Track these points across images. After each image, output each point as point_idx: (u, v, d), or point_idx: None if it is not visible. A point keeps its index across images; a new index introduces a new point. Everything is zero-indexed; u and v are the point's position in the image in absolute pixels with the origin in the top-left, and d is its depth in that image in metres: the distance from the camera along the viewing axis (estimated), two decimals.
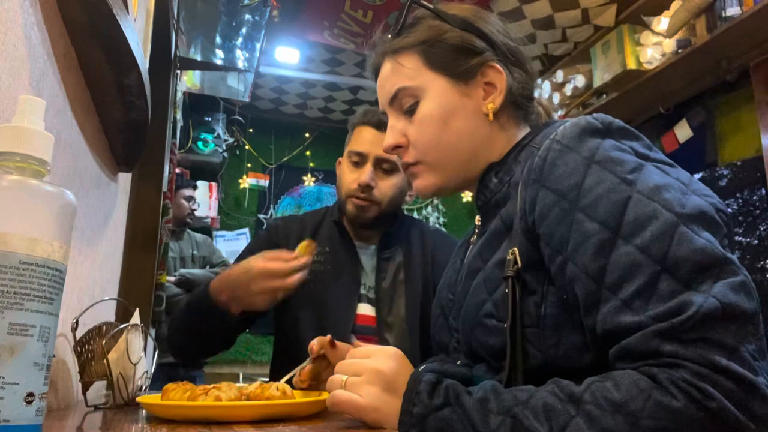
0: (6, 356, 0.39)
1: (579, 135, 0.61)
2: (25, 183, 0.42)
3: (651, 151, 0.62)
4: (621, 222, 0.54)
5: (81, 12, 0.72)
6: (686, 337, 0.49)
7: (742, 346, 0.48)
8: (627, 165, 0.58)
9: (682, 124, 2.45)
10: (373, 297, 1.24)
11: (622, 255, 0.53)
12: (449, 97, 0.74)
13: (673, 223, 0.53)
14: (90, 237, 1.02)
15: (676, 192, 0.55)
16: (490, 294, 0.66)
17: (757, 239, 2.18)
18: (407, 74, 0.76)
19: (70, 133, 0.82)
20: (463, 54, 0.75)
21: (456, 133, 0.74)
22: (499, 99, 0.74)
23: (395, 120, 0.78)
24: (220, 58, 2.73)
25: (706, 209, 0.55)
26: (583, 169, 0.59)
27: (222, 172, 4.03)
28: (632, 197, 0.55)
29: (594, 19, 2.69)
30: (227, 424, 0.57)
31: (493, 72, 0.75)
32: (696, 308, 0.49)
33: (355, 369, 0.62)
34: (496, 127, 0.76)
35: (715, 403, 0.46)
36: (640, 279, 0.52)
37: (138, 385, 0.82)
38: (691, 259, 0.51)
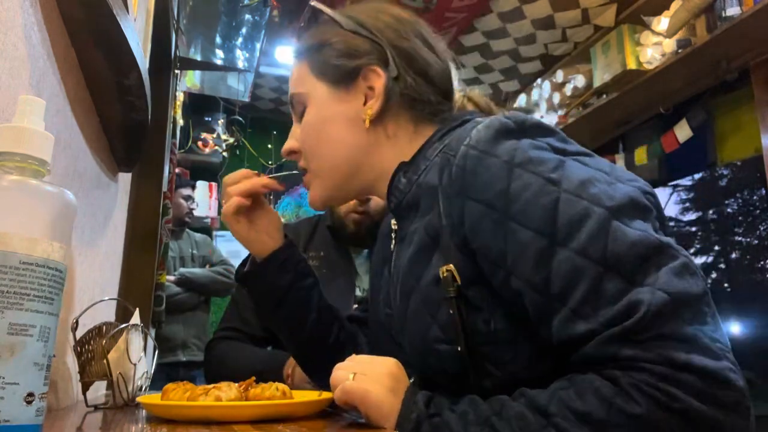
0: (6, 356, 0.39)
1: (494, 138, 0.59)
2: (25, 183, 0.42)
3: (567, 144, 0.61)
4: (555, 227, 0.53)
5: (81, 12, 0.72)
6: (641, 337, 0.48)
7: (699, 332, 0.48)
8: (548, 164, 0.56)
9: (682, 124, 2.45)
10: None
11: (562, 262, 0.52)
12: (327, 104, 0.74)
13: (605, 219, 0.52)
14: (90, 237, 1.02)
15: (601, 184, 0.54)
16: (432, 317, 0.63)
17: (757, 239, 2.18)
18: (297, 81, 0.77)
19: (70, 133, 0.82)
20: (344, 58, 0.72)
21: (332, 143, 0.73)
22: (376, 104, 0.71)
23: (294, 125, 0.79)
24: (220, 58, 2.73)
25: (634, 195, 0.54)
26: (506, 174, 0.57)
27: (222, 172, 4.03)
28: (561, 198, 0.54)
29: (594, 19, 2.69)
30: (227, 424, 0.57)
31: (373, 76, 0.71)
32: (646, 307, 0.48)
33: (362, 368, 0.61)
34: (379, 133, 0.73)
35: (679, 403, 0.46)
36: (585, 284, 0.51)
37: (138, 385, 0.82)
38: (631, 254, 0.50)
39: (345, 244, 1.31)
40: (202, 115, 3.79)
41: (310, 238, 1.32)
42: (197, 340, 2.92)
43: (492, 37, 2.86)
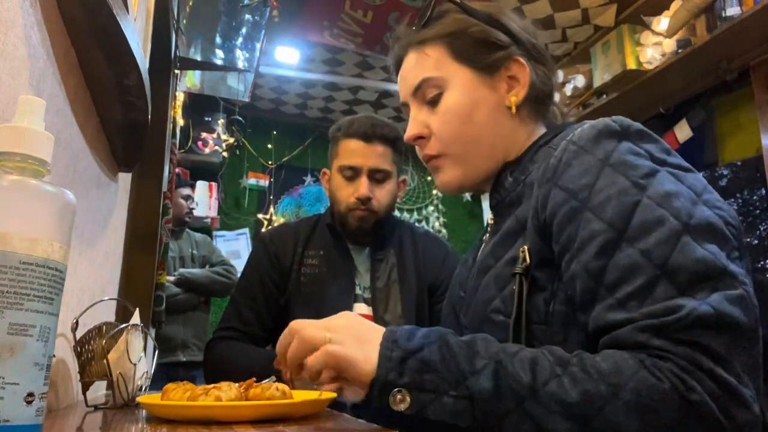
0: (6, 356, 0.39)
1: (595, 137, 0.62)
2: (25, 183, 0.42)
3: (669, 155, 0.61)
4: (627, 225, 0.55)
5: (81, 12, 0.72)
6: (676, 336, 0.49)
7: (732, 357, 0.49)
8: (640, 169, 0.58)
9: (682, 124, 2.45)
10: (369, 297, 1.26)
11: (624, 257, 0.54)
12: (473, 89, 0.75)
13: (678, 231, 0.53)
14: (90, 237, 1.02)
15: (685, 201, 0.55)
16: (499, 290, 0.66)
17: (757, 239, 2.18)
18: (432, 65, 0.76)
19: (70, 133, 0.82)
20: (487, 47, 0.75)
21: (479, 125, 0.74)
22: (522, 93, 0.75)
23: (417, 111, 0.78)
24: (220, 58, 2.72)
25: (714, 221, 0.55)
26: (597, 171, 0.59)
27: (222, 172, 4.03)
28: (642, 201, 0.55)
29: (594, 19, 2.69)
30: (227, 424, 0.57)
31: (517, 66, 0.75)
32: (688, 310, 0.49)
33: (328, 327, 0.59)
34: (517, 121, 0.76)
35: (697, 395, 0.47)
36: (638, 281, 0.52)
37: (138, 385, 0.82)
38: (691, 268, 0.51)
39: (345, 242, 1.31)
40: (202, 115, 3.79)
41: (310, 237, 1.32)
42: (197, 340, 2.91)
43: None
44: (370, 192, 1.23)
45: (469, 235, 4.43)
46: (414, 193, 4.49)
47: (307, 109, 4.16)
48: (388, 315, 1.24)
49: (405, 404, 0.52)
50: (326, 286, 1.25)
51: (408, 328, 0.59)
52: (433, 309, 1.29)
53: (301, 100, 3.99)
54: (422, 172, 4.48)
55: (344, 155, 1.27)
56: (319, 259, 1.29)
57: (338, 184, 1.28)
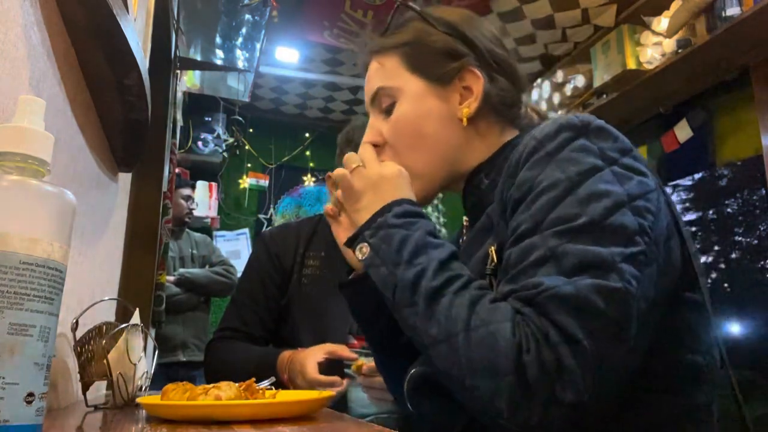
0: (6, 356, 0.39)
1: (555, 132, 0.62)
2: (25, 183, 0.42)
3: (623, 155, 0.61)
4: (545, 219, 0.57)
5: (81, 12, 0.72)
6: (539, 309, 0.53)
7: (587, 341, 0.50)
8: (581, 166, 0.59)
9: (682, 124, 2.45)
10: None
11: (527, 242, 0.58)
12: (424, 99, 0.74)
13: (582, 227, 0.55)
14: (90, 237, 1.02)
15: (609, 203, 0.56)
16: None
17: (757, 239, 2.18)
18: (387, 74, 0.77)
19: (70, 133, 0.82)
20: (443, 57, 0.74)
21: (428, 137, 0.74)
22: (474, 104, 0.74)
23: (374, 119, 0.79)
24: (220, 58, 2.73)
25: (628, 226, 0.56)
26: (543, 165, 0.61)
27: (222, 172, 4.03)
28: (566, 199, 0.57)
29: (594, 19, 2.69)
30: (227, 423, 0.57)
31: (471, 76, 0.74)
32: (546, 286, 0.53)
33: (367, 160, 0.70)
34: (471, 132, 0.75)
35: (528, 358, 0.51)
36: (530, 259, 0.56)
37: (138, 385, 0.82)
38: (578, 255, 0.54)
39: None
40: (202, 115, 3.79)
41: (311, 238, 1.32)
42: (197, 340, 2.92)
43: None
44: None
45: None
46: None
47: (307, 109, 4.16)
48: None
49: (363, 256, 0.64)
50: (327, 288, 1.25)
51: (410, 208, 0.66)
52: None
53: (301, 100, 3.99)
54: None
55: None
56: (320, 260, 1.28)
57: None
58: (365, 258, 0.63)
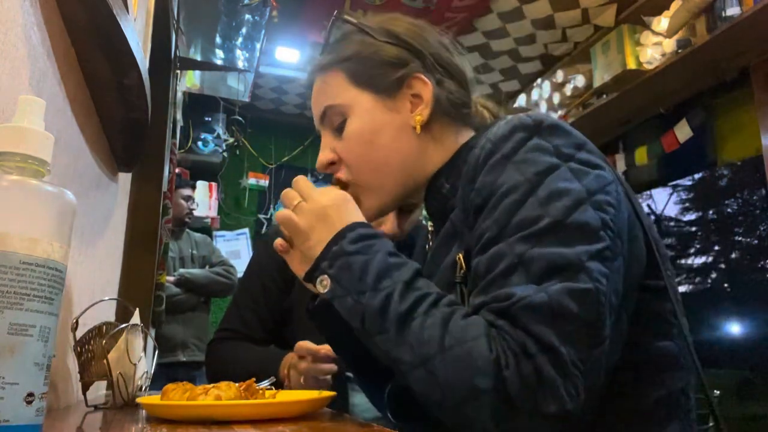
0: (6, 356, 0.39)
1: (509, 133, 0.62)
2: (25, 183, 0.42)
3: (579, 150, 0.61)
4: (508, 223, 0.57)
5: (81, 12, 0.72)
6: (513, 320, 0.52)
7: (563, 347, 0.50)
8: (538, 166, 0.59)
9: (682, 124, 2.45)
10: None
11: (494, 249, 0.57)
12: (374, 113, 0.73)
13: (546, 229, 0.55)
14: (90, 237, 1.02)
15: (569, 200, 0.56)
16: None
17: (757, 239, 2.18)
18: (333, 92, 0.75)
19: (70, 133, 0.82)
20: (387, 67, 0.73)
21: (384, 150, 0.73)
22: (426, 111, 0.73)
23: (326, 138, 0.77)
24: (220, 58, 2.73)
25: (590, 223, 0.56)
26: (501, 168, 0.61)
27: (222, 172, 4.03)
28: (527, 201, 0.57)
29: (594, 19, 2.69)
30: (227, 423, 0.57)
31: (418, 83, 0.73)
32: (518, 296, 0.52)
33: (305, 194, 0.68)
34: (427, 138, 0.74)
35: (509, 373, 0.50)
36: (498, 269, 0.56)
37: (138, 385, 0.82)
38: (546, 259, 0.54)
39: None
40: (202, 115, 3.78)
41: None
42: (197, 340, 2.91)
43: (492, 37, 2.86)
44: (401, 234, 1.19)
45: None
46: None
47: (307, 109, 4.15)
48: None
49: (325, 289, 0.61)
50: None
51: (363, 231, 0.64)
52: None
53: (301, 100, 3.99)
54: None
55: None
56: None
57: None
58: (327, 291, 0.61)
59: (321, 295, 0.62)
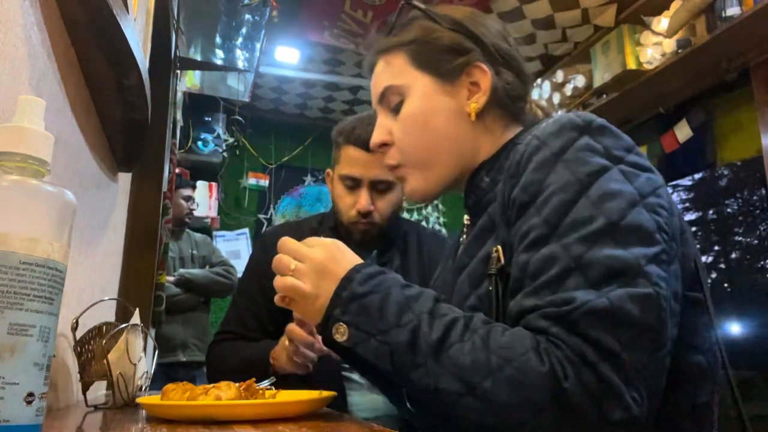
0: (6, 356, 0.39)
1: (557, 131, 0.62)
2: (25, 183, 0.42)
3: (628, 153, 0.61)
4: (560, 222, 0.56)
5: (81, 12, 0.72)
6: (571, 326, 0.51)
7: (625, 353, 0.49)
8: (589, 167, 0.58)
9: (682, 124, 2.45)
10: None
11: (547, 249, 0.56)
12: (432, 96, 0.74)
13: (602, 231, 0.54)
14: (90, 237, 1.02)
15: (622, 202, 0.56)
16: (474, 288, 0.66)
17: (757, 239, 2.18)
18: (394, 72, 0.77)
19: (70, 133, 0.82)
20: (449, 54, 0.74)
21: (437, 133, 0.74)
22: (483, 99, 0.74)
23: (383, 118, 0.79)
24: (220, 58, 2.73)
25: (645, 225, 0.55)
26: (550, 166, 0.60)
27: (222, 172, 4.03)
28: (579, 201, 0.57)
29: (594, 19, 2.69)
30: (227, 423, 0.57)
31: (478, 72, 0.74)
32: (581, 302, 0.51)
33: (298, 255, 0.66)
34: (480, 127, 0.75)
35: (569, 384, 0.49)
36: (553, 271, 0.54)
37: (138, 385, 0.82)
38: (604, 263, 0.53)
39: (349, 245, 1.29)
40: (202, 115, 3.78)
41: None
42: (197, 340, 2.91)
43: None
44: (370, 205, 1.20)
45: None
46: None
47: (307, 109, 4.16)
48: None
49: (343, 337, 0.59)
50: None
51: (369, 270, 0.62)
52: None
53: (301, 100, 3.99)
54: None
55: (345, 163, 1.23)
56: None
57: (339, 193, 1.25)
58: (347, 339, 0.59)
59: (342, 343, 0.59)
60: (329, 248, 0.66)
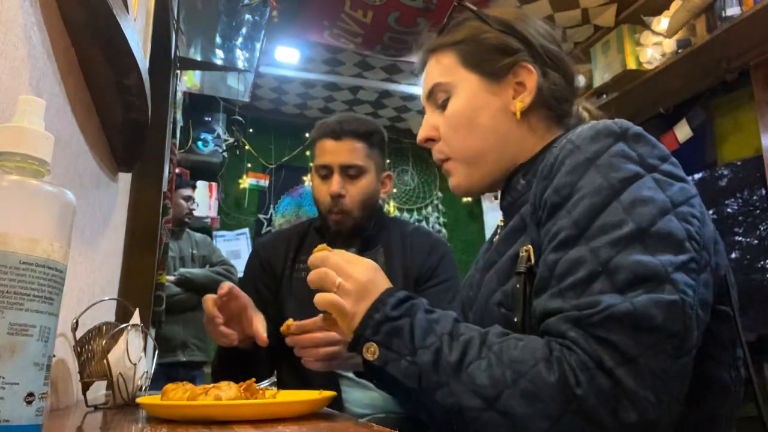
0: (6, 356, 0.39)
1: (593, 136, 0.63)
2: (25, 183, 0.42)
3: (663, 162, 0.61)
4: (590, 225, 0.57)
5: (81, 12, 0.72)
6: (590, 330, 0.52)
7: (644, 359, 0.50)
8: (622, 173, 0.59)
9: (682, 124, 2.45)
10: None
11: (575, 252, 0.57)
12: (478, 94, 0.76)
13: (631, 236, 0.55)
14: (90, 237, 1.02)
15: (654, 209, 0.56)
16: (501, 284, 0.68)
17: (757, 239, 2.18)
18: (443, 71, 0.79)
19: (70, 133, 0.82)
20: (497, 53, 0.76)
21: (482, 131, 0.76)
22: (528, 98, 0.75)
23: (430, 114, 0.81)
24: (220, 58, 2.72)
25: (675, 233, 0.55)
26: (582, 170, 0.60)
27: (222, 172, 4.03)
28: (610, 205, 0.57)
29: (594, 19, 2.69)
30: (227, 423, 0.57)
31: (524, 72, 0.75)
32: (605, 305, 0.52)
33: (343, 273, 0.69)
34: (524, 127, 0.76)
35: (582, 390, 0.50)
36: (580, 274, 0.55)
37: (138, 385, 0.82)
38: (630, 269, 0.53)
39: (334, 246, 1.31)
40: (202, 115, 3.78)
41: (302, 242, 1.34)
42: (197, 340, 2.91)
43: None
44: (341, 189, 1.24)
45: (469, 235, 4.43)
46: (414, 193, 4.49)
47: (307, 109, 4.16)
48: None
49: (374, 356, 0.62)
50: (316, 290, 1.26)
51: (401, 295, 0.66)
52: None
53: (301, 100, 3.99)
54: (422, 172, 4.48)
55: (318, 155, 1.29)
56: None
57: (315, 185, 1.30)
58: (377, 358, 0.62)
59: (372, 361, 0.63)
60: (370, 270, 0.70)
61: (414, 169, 4.47)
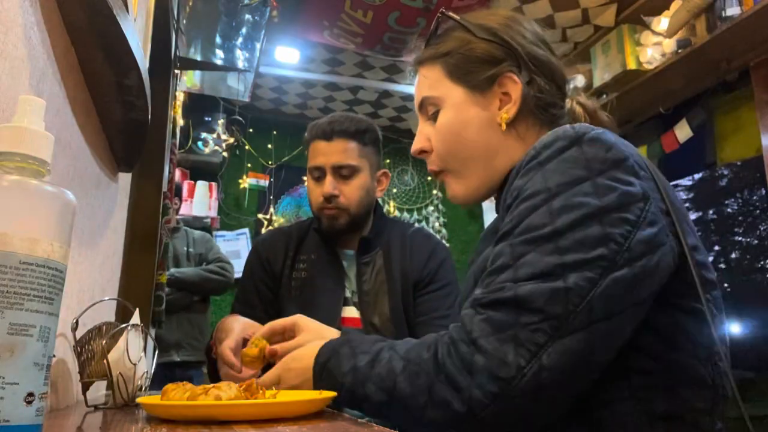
0: (6, 356, 0.39)
1: (549, 142, 0.65)
2: (25, 183, 0.42)
3: (614, 166, 0.61)
4: (518, 225, 0.61)
5: (81, 12, 0.72)
6: (479, 309, 0.59)
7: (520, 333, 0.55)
8: (562, 178, 0.61)
9: (682, 124, 2.45)
10: (357, 300, 1.26)
11: (499, 247, 0.62)
12: (464, 107, 0.77)
13: (547, 237, 0.58)
14: (90, 237, 1.02)
15: (578, 214, 0.58)
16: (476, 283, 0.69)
17: (757, 239, 2.18)
18: (430, 84, 0.80)
19: (70, 133, 0.82)
20: (482, 65, 0.76)
21: (470, 143, 0.77)
22: (513, 109, 0.75)
23: (422, 125, 0.82)
24: (220, 58, 2.72)
25: (590, 236, 0.57)
26: (533, 173, 0.64)
27: (222, 172, 4.03)
28: (541, 208, 0.60)
29: (594, 19, 2.69)
30: (227, 423, 0.57)
31: (509, 82, 0.76)
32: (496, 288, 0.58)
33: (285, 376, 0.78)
34: (512, 136, 0.77)
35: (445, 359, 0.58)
36: (496, 265, 0.61)
37: (138, 385, 0.82)
38: (534, 265, 0.57)
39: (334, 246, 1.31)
40: (202, 115, 3.78)
41: (301, 241, 1.33)
42: (192, 339, 2.89)
43: None
44: (334, 189, 1.24)
45: (469, 235, 4.43)
46: (414, 193, 4.49)
47: (307, 109, 4.16)
48: (376, 318, 1.24)
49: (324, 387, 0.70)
50: (316, 291, 1.26)
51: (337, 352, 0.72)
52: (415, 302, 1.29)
53: (301, 100, 3.99)
54: (422, 171, 4.48)
55: (311, 157, 1.30)
56: (309, 264, 1.29)
57: (310, 187, 1.31)
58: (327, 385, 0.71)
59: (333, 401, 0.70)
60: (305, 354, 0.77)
61: (414, 169, 4.47)
